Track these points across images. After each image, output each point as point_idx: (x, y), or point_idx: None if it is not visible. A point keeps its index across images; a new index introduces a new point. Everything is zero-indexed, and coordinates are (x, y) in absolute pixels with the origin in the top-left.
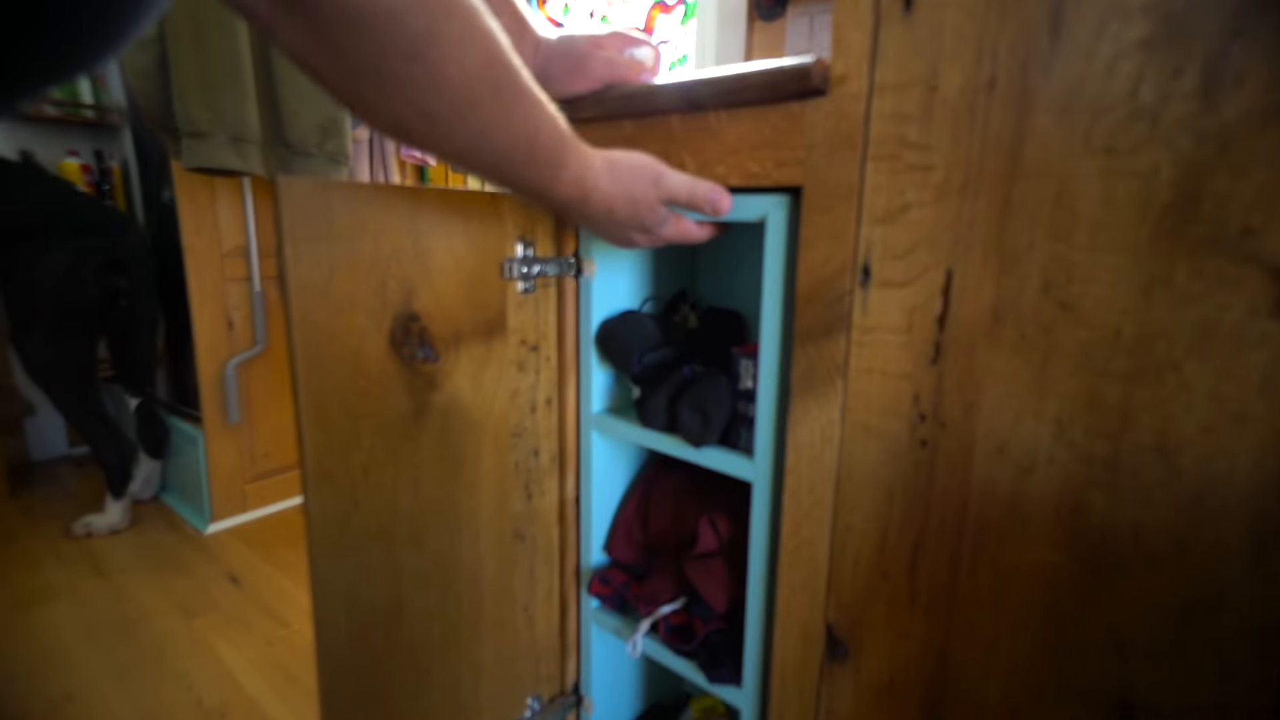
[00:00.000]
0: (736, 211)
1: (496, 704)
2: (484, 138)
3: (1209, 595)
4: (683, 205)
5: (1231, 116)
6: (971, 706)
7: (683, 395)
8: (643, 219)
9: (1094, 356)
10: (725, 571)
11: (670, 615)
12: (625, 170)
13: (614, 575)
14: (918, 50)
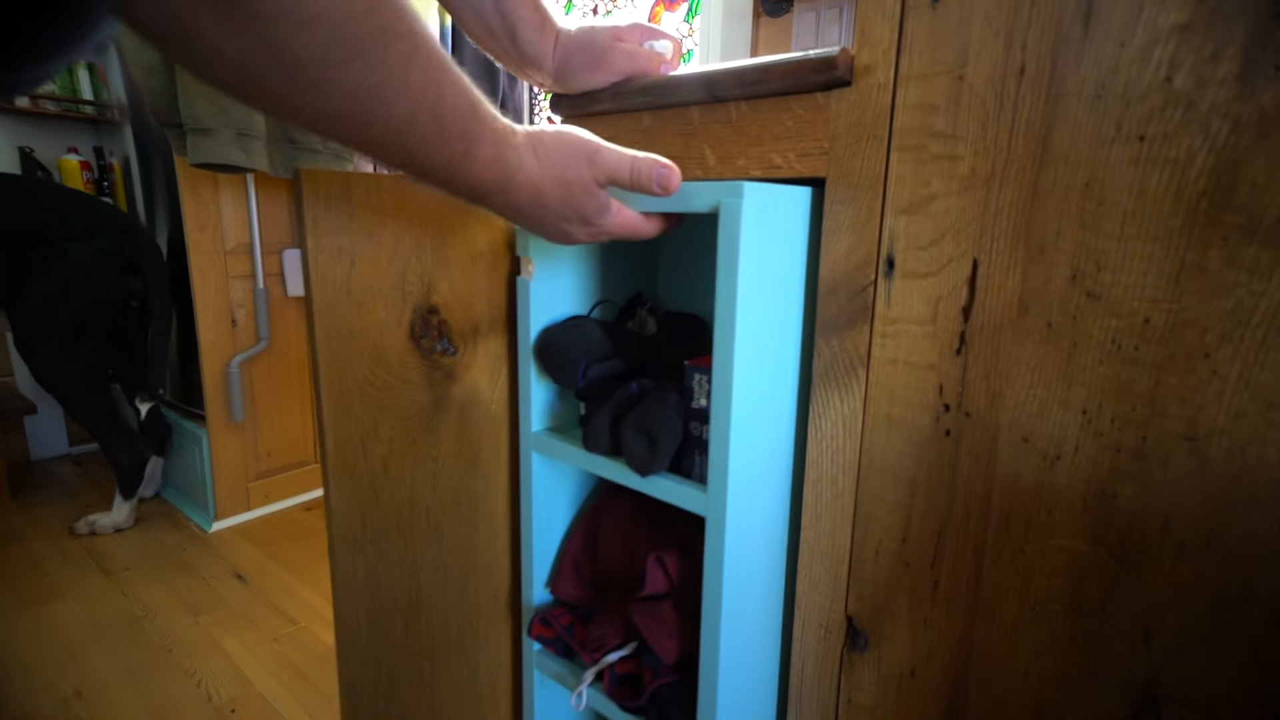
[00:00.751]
0: (687, 202)
1: (515, 699)
2: (371, 100)
3: (1239, 585)
4: (625, 186)
5: (1270, 102)
6: (995, 695)
7: (628, 415)
8: (579, 205)
9: (1123, 345)
10: (676, 617)
11: (618, 664)
12: (554, 147)
13: (558, 615)
14: (945, 39)
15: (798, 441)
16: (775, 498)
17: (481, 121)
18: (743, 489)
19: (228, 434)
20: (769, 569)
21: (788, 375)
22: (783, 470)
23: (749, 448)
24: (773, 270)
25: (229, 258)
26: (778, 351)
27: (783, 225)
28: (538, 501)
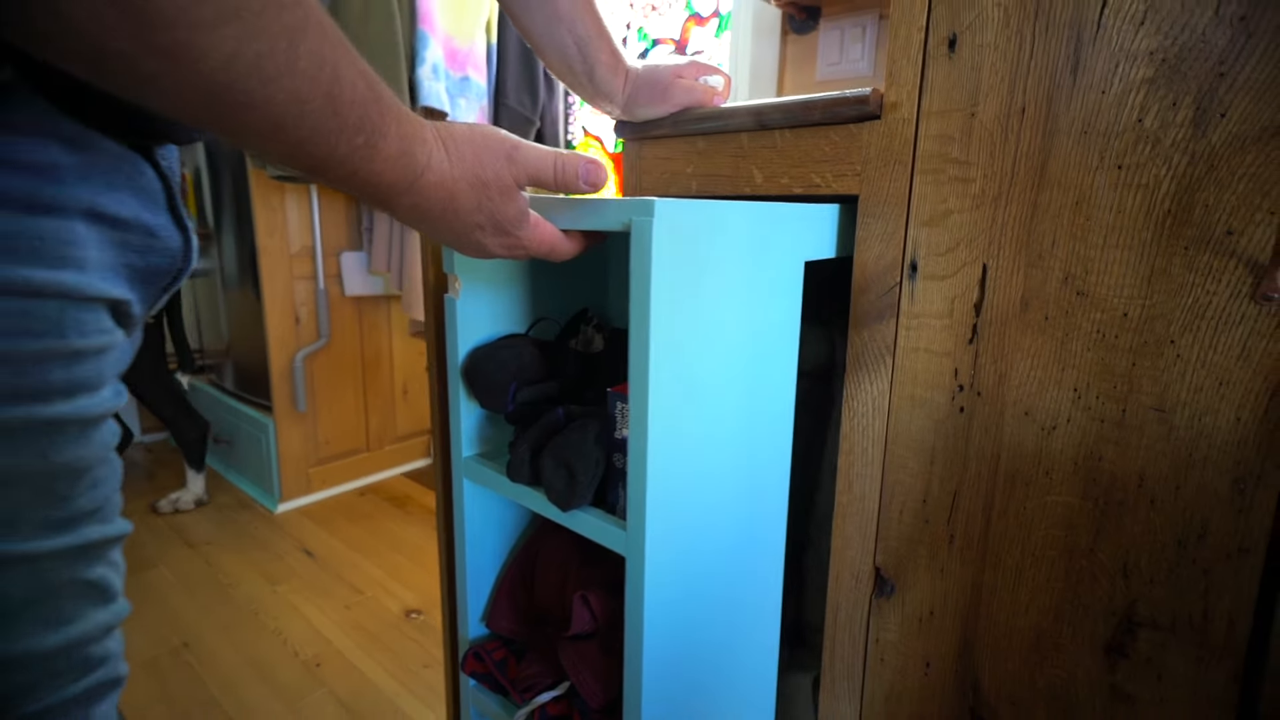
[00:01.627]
0: (598, 219)
1: None
2: (250, 77)
3: (1197, 527)
4: (549, 184)
5: (1217, 141)
6: (1001, 628)
7: (548, 444)
8: (495, 210)
9: (1106, 334)
10: (602, 659)
11: (550, 704)
12: (467, 143)
13: (492, 650)
14: (960, 83)
15: (767, 462)
16: (731, 527)
17: (385, 111)
18: (671, 525)
19: (292, 423)
20: (726, 605)
21: (756, 396)
22: (747, 495)
23: (680, 480)
24: (714, 288)
25: (294, 260)
26: (731, 374)
27: (727, 240)
28: (470, 530)
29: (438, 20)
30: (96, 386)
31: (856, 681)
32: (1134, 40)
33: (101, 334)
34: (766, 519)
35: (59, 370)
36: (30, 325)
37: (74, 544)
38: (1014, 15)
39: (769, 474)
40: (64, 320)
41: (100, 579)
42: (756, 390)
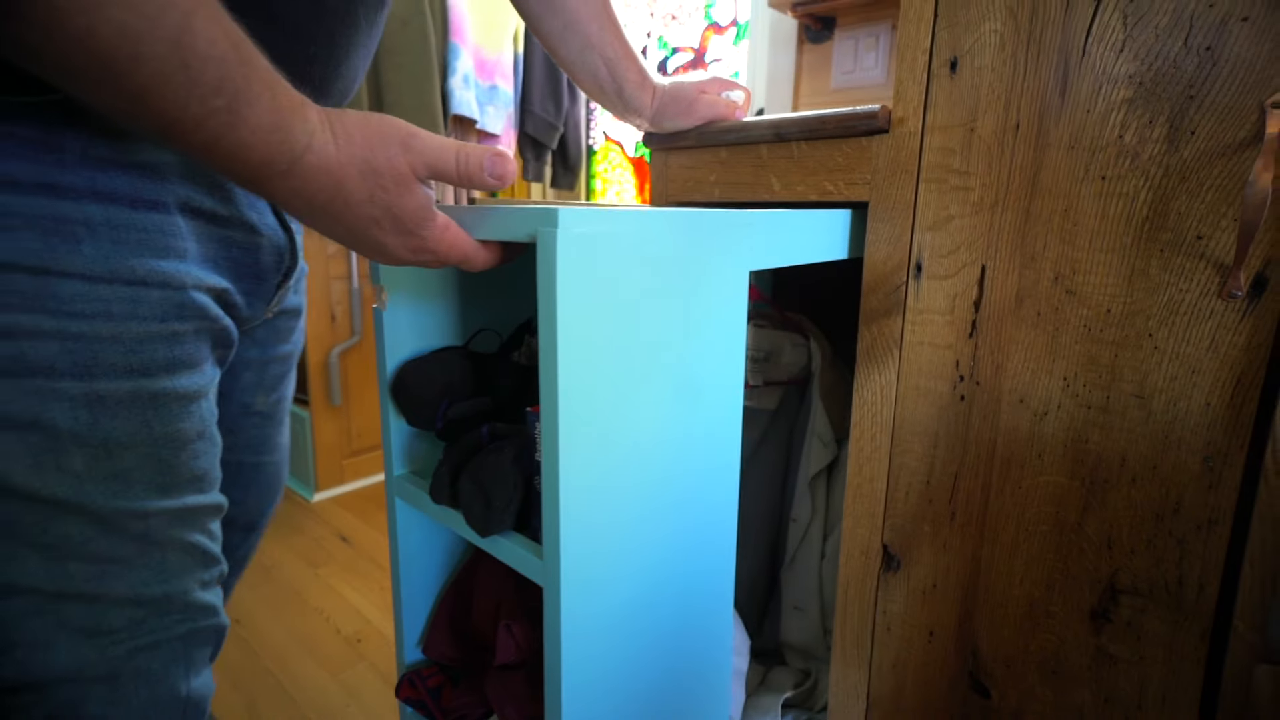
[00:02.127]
0: (505, 229)
1: None
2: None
3: (1172, 502)
4: (451, 177)
5: (1188, 156)
6: (998, 598)
7: (468, 465)
8: (392, 203)
9: (1091, 329)
10: (526, 691)
11: None
12: (358, 128)
13: (428, 677)
14: (960, 100)
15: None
16: (668, 552)
17: (253, 77)
18: (592, 552)
19: (327, 416)
20: (663, 633)
21: (694, 413)
22: (687, 517)
23: (601, 504)
24: (636, 301)
25: (330, 261)
26: (661, 390)
27: (650, 251)
28: (404, 551)
29: (468, 33)
30: (196, 365)
31: (865, 651)
32: (1115, 65)
33: (200, 318)
34: (711, 542)
35: (162, 349)
36: (137, 309)
37: (176, 507)
38: (1009, 41)
39: (713, 492)
40: (166, 305)
41: (199, 544)
42: (694, 406)
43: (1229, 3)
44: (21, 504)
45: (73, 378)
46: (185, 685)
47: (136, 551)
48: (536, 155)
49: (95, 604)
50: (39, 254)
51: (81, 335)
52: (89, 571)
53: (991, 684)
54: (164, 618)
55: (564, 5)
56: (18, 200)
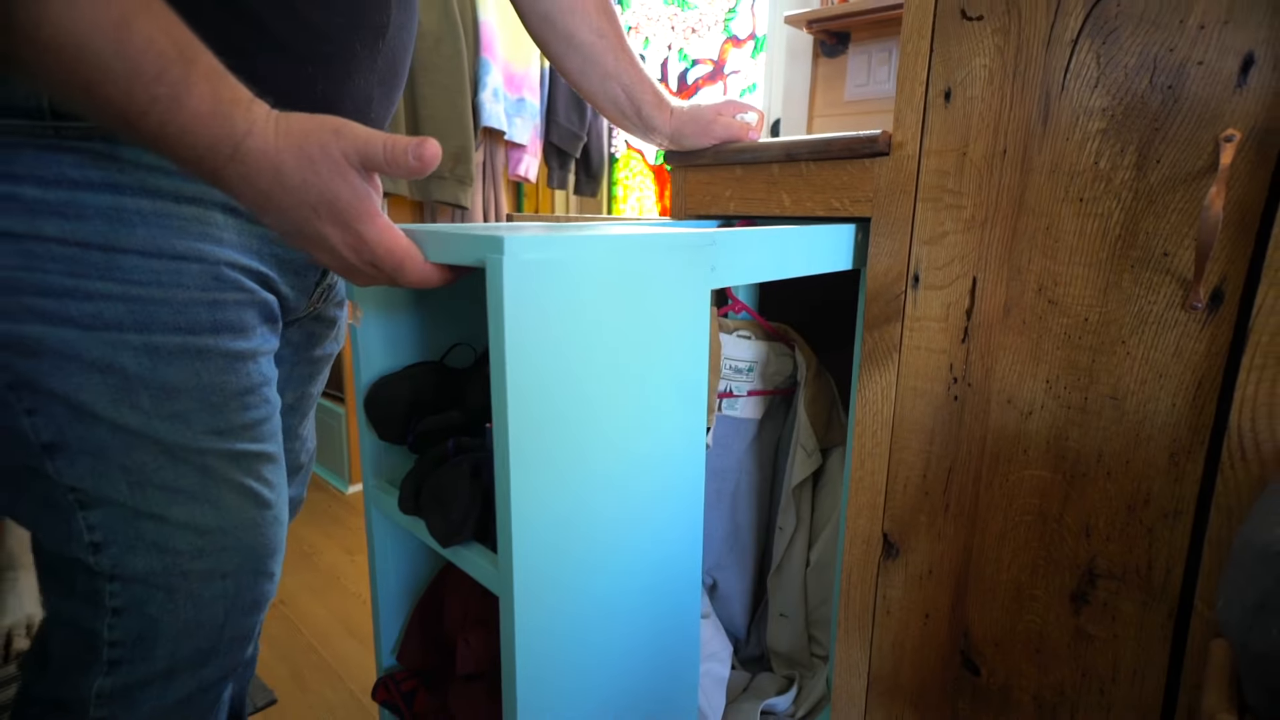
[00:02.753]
0: (455, 253)
1: None
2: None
3: (1143, 494)
4: (380, 164)
5: (1154, 182)
6: (987, 583)
7: (429, 478)
8: (325, 188)
9: (1071, 336)
10: (486, 701)
11: None
12: (298, 121)
13: (402, 681)
14: (954, 127)
15: (674, 491)
16: (631, 564)
17: (193, 69)
18: (546, 562)
19: None
20: (628, 647)
21: (655, 427)
22: (650, 529)
23: (556, 516)
24: (590, 322)
25: None
26: (619, 407)
27: (604, 273)
28: (379, 559)
29: (498, 49)
30: (242, 330)
31: (867, 632)
32: (1090, 99)
33: (240, 290)
34: (674, 556)
35: (204, 312)
36: (181, 279)
37: (230, 449)
38: (996, 75)
39: (676, 507)
40: (204, 276)
41: (253, 488)
42: (654, 423)
43: (1186, 48)
44: (109, 431)
45: (135, 331)
46: (230, 621)
47: (198, 484)
48: (561, 164)
49: (164, 525)
50: (106, 235)
51: (139, 298)
52: (160, 496)
53: (981, 662)
54: (219, 555)
55: (582, 43)
56: (90, 196)
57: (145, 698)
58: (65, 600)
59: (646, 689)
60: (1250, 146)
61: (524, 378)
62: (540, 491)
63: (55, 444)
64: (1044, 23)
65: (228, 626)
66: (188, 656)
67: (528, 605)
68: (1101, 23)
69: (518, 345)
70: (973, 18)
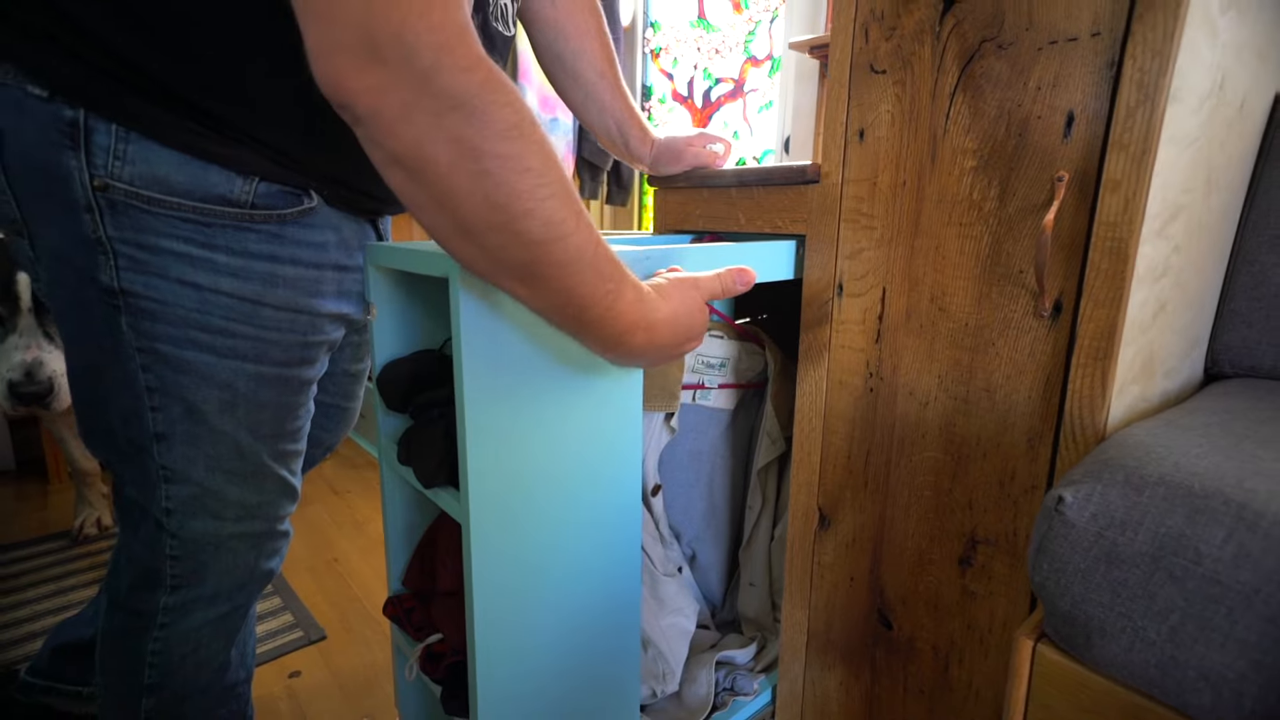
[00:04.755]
0: (431, 268)
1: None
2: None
3: (1009, 471)
4: (720, 295)
5: (1012, 211)
6: (896, 550)
7: (415, 437)
8: (697, 325)
9: (955, 338)
10: (459, 611)
11: (435, 645)
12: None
13: (405, 600)
14: (867, 161)
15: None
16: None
17: (623, 271)
18: (496, 500)
19: None
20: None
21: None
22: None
23: (506, 469)
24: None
25: None
26: (563, 388)
27: None
28: (388, 504)
29: (534, 74)
30: (314, 362)
31: (807, 595)
32: (965, 141)
33: (323, 334)
34: (615, 499)
35: (298, 351)
36: (294, 326)
37: (279, 449)
38: (897, 119)
39: (616, 464)
40: (307, 325)
41: (284, 476)
42: (594, 399)
43: (1029, 104)
44: (208, 430)
45: (252, 362)
46: (259, 564)
47: (252, 472)
48: (592, 176)
49: (221, 499)
50: (258, 292)
51: (263, 339)
52: (224, 479)
53: (893, 618)
54: (254, 521)
55: (586, 81)
56: (258, 264)
57: (196, 609)
58: (133, 538)
59: (592, 607)
60: (1075, 185)
61: (476, 364)
62: (490, 448)
63: (164, 434)
64: (930, 78)
65: (257, 568)
66: (229, 585)
67: (481, 532)
68: (971, 80)
69: (471, 340)
70: (879, 71)
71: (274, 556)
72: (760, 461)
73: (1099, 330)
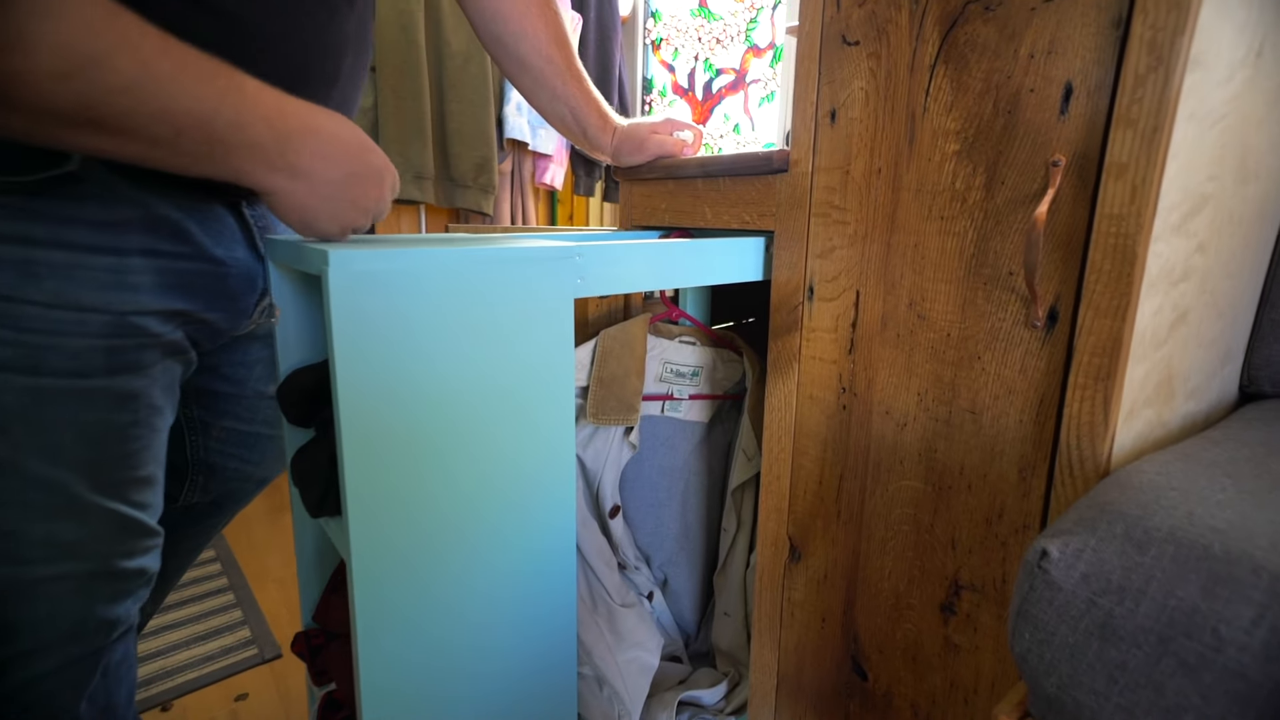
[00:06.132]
0: (308, 263)
1: None
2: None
3: (998, 508)
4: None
5: (1000, 202)
6: (872, 590)
7: (300, 461)
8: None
9: (937, 350)
10: (347, 657)
11: (333, 691)
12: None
13: (313, 636)
14: (838, 146)
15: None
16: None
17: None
18: (385, 531)
19: None
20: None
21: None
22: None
23: (392, 497)
24: (435, 328)
25: None
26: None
27: (444, 285)
28: (298, 530)
29: None
30: (137, 368)
31: (776, 633)
32: (946, 121)
33: (144, 335)
34: (543, 544)
35: (100, 357)
36: (82, 328)
37: (101, 477)
38: (871, 97)
39: (537, 493)
40: (108, 326)
41: (117, 509)
42: (507, 419)
43: (1020, 76)
44: None
45: (22, 373)
46: (94, 610)
47: (61, 506)
48: (588, 172)
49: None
50: (12, 286)
51: (31, 344)
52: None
53: (869, 667)
54: (72, 561)
55: (531, 66)
56: (4, 249)
57: (13, 669)
58: None
59: (513, 654)
60: (1074, 172)
61: (356, 377)
62: (378, 472)
63: None
64: (907, 48)
65: (91, 615)
66: (53, 638)
67: (366, 572)
68: (954, 49)
69: (347, 349)
70: (851, 43)
71: (120, 601)
72: (735, 480)
73: (1100, 344)
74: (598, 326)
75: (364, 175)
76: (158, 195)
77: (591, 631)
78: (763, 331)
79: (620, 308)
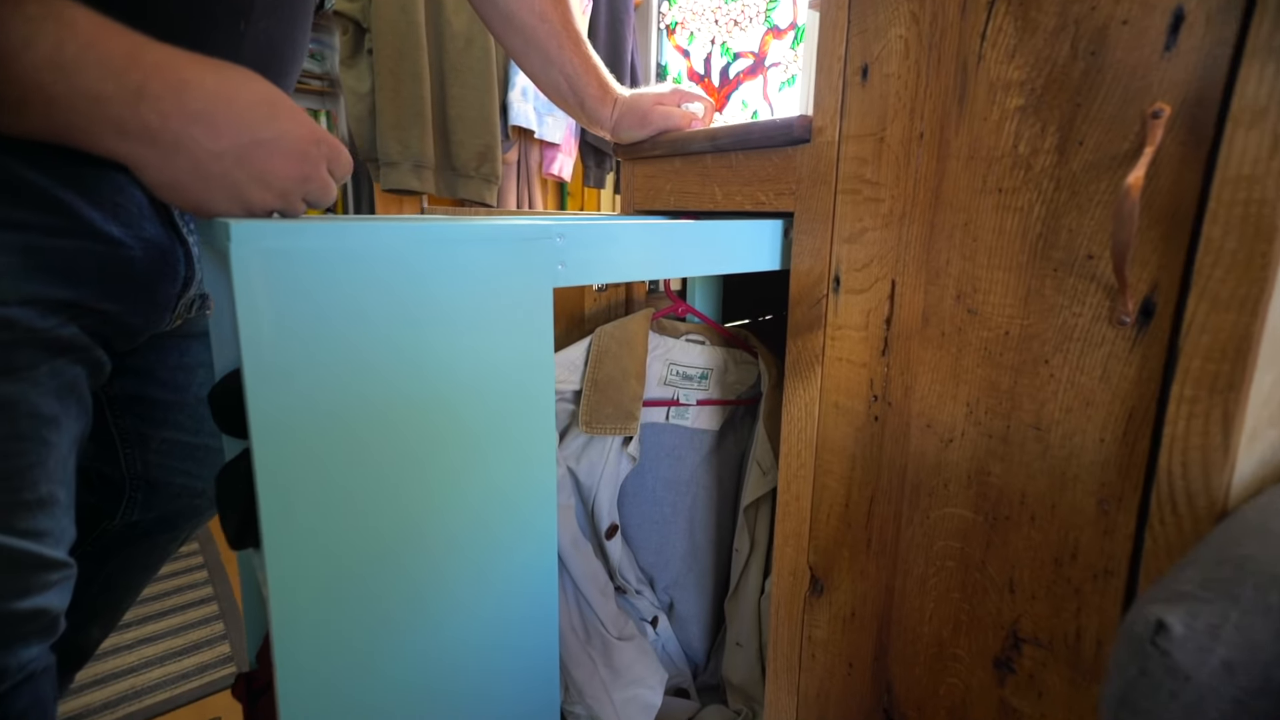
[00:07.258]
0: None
1: None
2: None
3: (1070, 546)
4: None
5: (1077, 168)
6: (909, 635)
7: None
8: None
9: (992, 352)
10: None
11: None
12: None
13: (254, 680)
14: (871, 109)
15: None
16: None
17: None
18: (307, 571)
19: None
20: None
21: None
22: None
23: (328, 516)
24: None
25: None
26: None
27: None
28: (243, 563)
29: None
30: (12, 371)
31: (794, 676)
32: (1008, 71)
33: (10, 329)
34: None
35: None
36: None
37: None
38: (912, 47)
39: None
40: None
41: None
42: (469, 430)
43: (1110, 5)
44: None
45: None
46: None
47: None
48: (598, 162)
49: None
50: None
51: None
52: None
53: None
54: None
55: (523, 24)
56: None
57: None
58: None
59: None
60: (1181, 124)
61: (271, 379)
62: (300, 499)
63: None
64: None
65: None
66: None
67: (285, 610)
68: None
69: (257, 344)
70: None
71: (11, 648)
72: (749, 496)
73: (1219, 346)
74: (594, 323)
75: (272, 145)
76: (17, 157)
77: (584, 668)
78: (781, 329)
79: (620, 302)
